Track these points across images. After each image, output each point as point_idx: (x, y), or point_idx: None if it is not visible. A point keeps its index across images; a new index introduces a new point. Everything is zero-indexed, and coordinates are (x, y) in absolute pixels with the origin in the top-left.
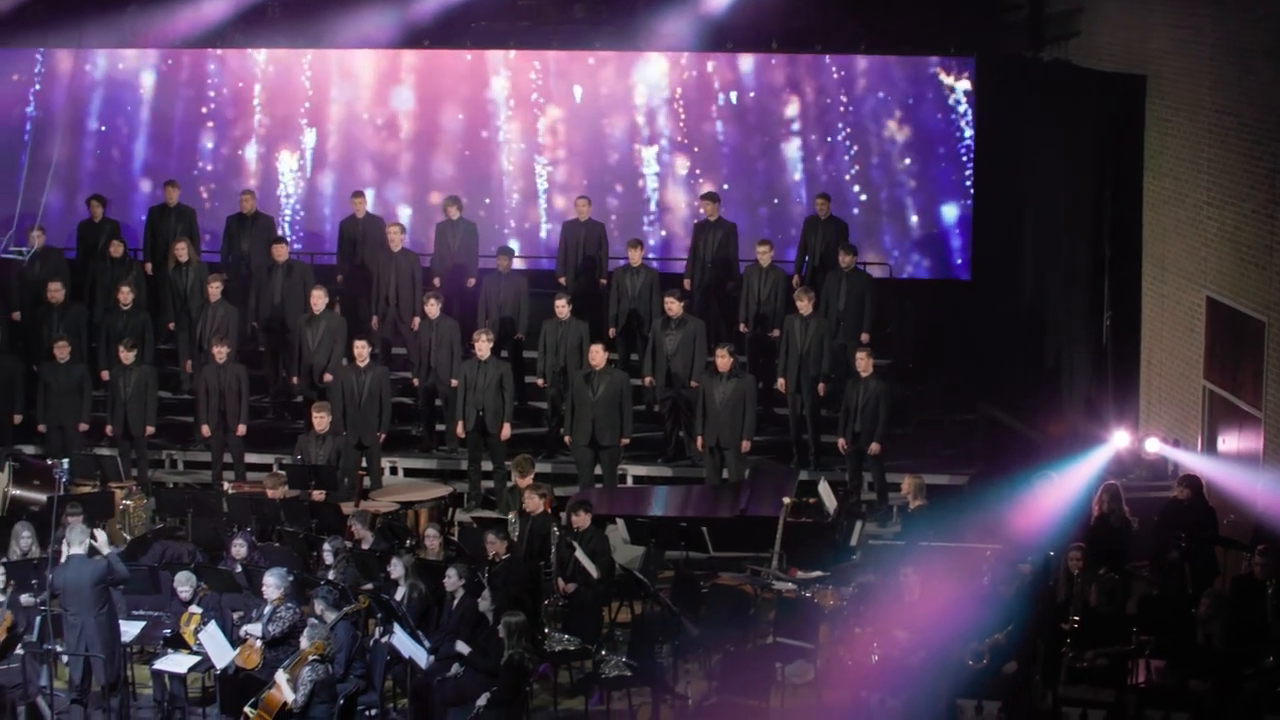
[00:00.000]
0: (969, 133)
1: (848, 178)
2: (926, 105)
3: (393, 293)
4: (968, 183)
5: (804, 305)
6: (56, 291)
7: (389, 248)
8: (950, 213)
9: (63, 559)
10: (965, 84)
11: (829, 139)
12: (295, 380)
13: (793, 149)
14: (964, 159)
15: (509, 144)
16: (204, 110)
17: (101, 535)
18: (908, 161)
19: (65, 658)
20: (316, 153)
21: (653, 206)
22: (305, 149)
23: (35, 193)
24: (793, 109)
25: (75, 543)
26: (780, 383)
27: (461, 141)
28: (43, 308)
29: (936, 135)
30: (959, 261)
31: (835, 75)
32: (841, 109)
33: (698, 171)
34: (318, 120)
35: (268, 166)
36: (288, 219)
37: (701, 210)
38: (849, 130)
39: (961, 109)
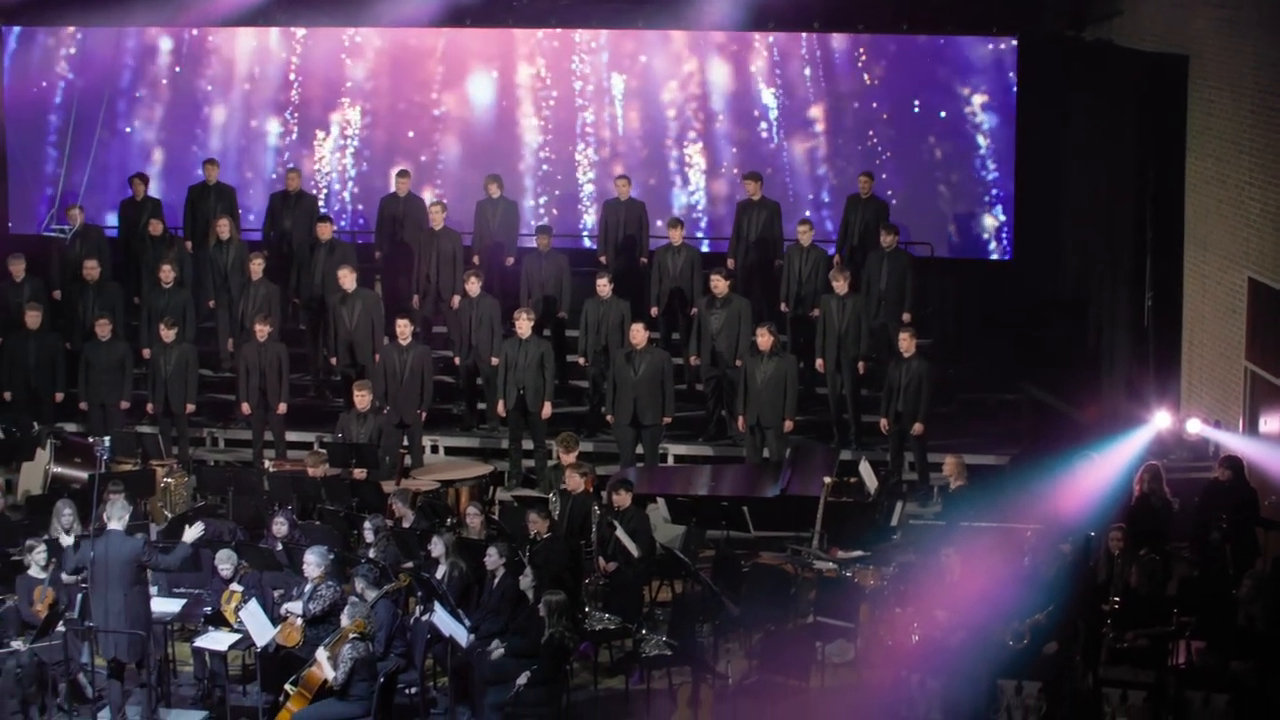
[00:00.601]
0: (1011, 113)
1: (889, 156)
2: (968, 85)
3: (434, 271)
4: (1009, 163)
5: (840, 285)
6: (93, 269)
7: (430, 226)
8: (992, 193)
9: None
10: (1008, 64)
11: (869, 117)
12: (334, 360)
13: (833, 127)
14: (1006, 139)
15: (550, 122)
16: (245, 88)
17: (195, 530)
18: (950, 141)
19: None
20: (356, 131)
21: (693, 185)
22: (345, 127)
23: (76, 171)
24: (834, 86)
25: (115, 518)
26: (819, 363)
27: (502, 119)
28: (79, 286)
29: (978, 115)
30: (1001, 242)
31: (876, 53)
32: (884, 87)
33: (738, 151)
34: (358, 99)
35: (308, 145)
36: (324, 196)
37: (744, 189)
38: (891, 109)
39: (1004, 89)
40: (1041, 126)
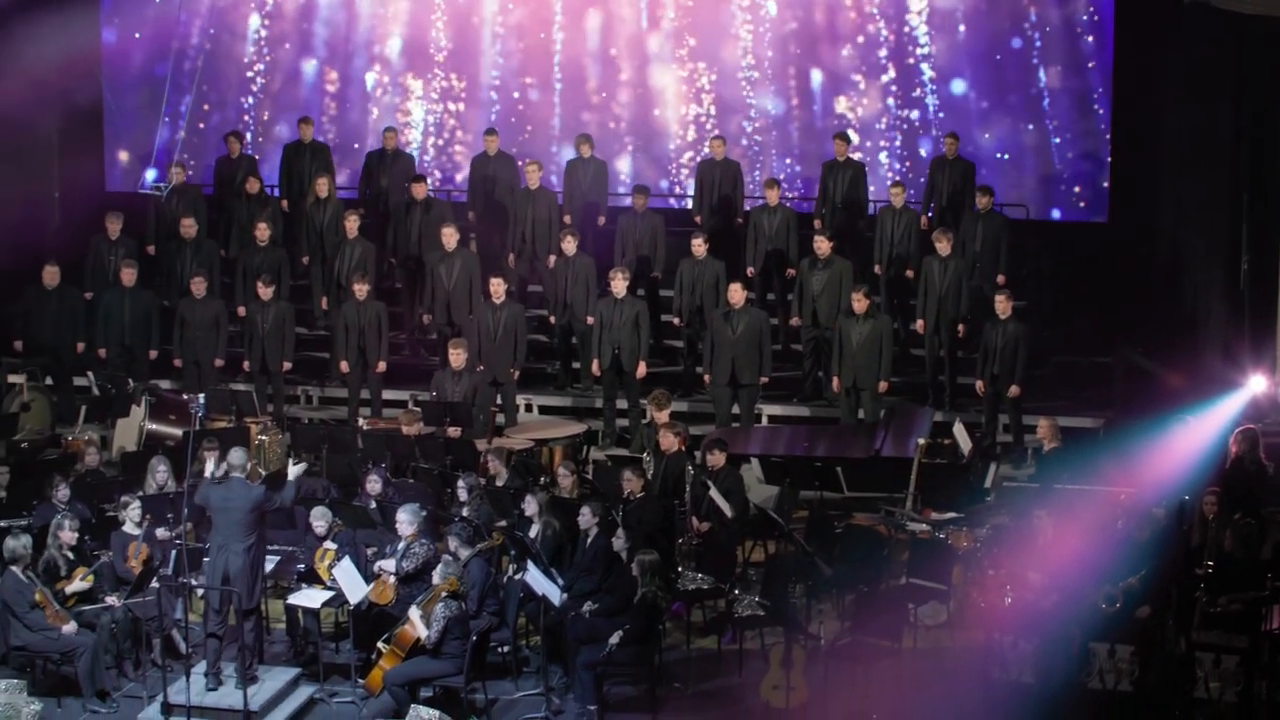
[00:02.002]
0: (1108, 75)
1: (982, 117)
2: (1064, 47)
3: (529, 230)
4: (1106, 126)
5: (943, 246)
6: (190, 228)
7: (526, 185)
8: (1088, 155)
9: (204, 480)
10: (1105, 27)
11: (961, 77)
12: (429, 318)
13: (924, 85)
14: (1102, 101)
15: (643, 81)
16: (344, 47)
17: (296, 467)
18: (1045, 103)
19: (200, 591)
20: (449, 90)
21: (788, 144)
22: (438, 87)
23: (173, 129)
24: (927, 49)
25: (238, 467)
26: (919, 324)
27: (593, 78)
28: (176, 244)
29: (1074, 77)
30: (1097, 204)
31: (973, 14)
32: (975, 49)
33: (829, 109)
34: (451, 58)
35: (400, 104)
36: (416, 152)
37: (831, 150)
38: (984, 70)
39: (1101, 52)
40: (1138, 89)
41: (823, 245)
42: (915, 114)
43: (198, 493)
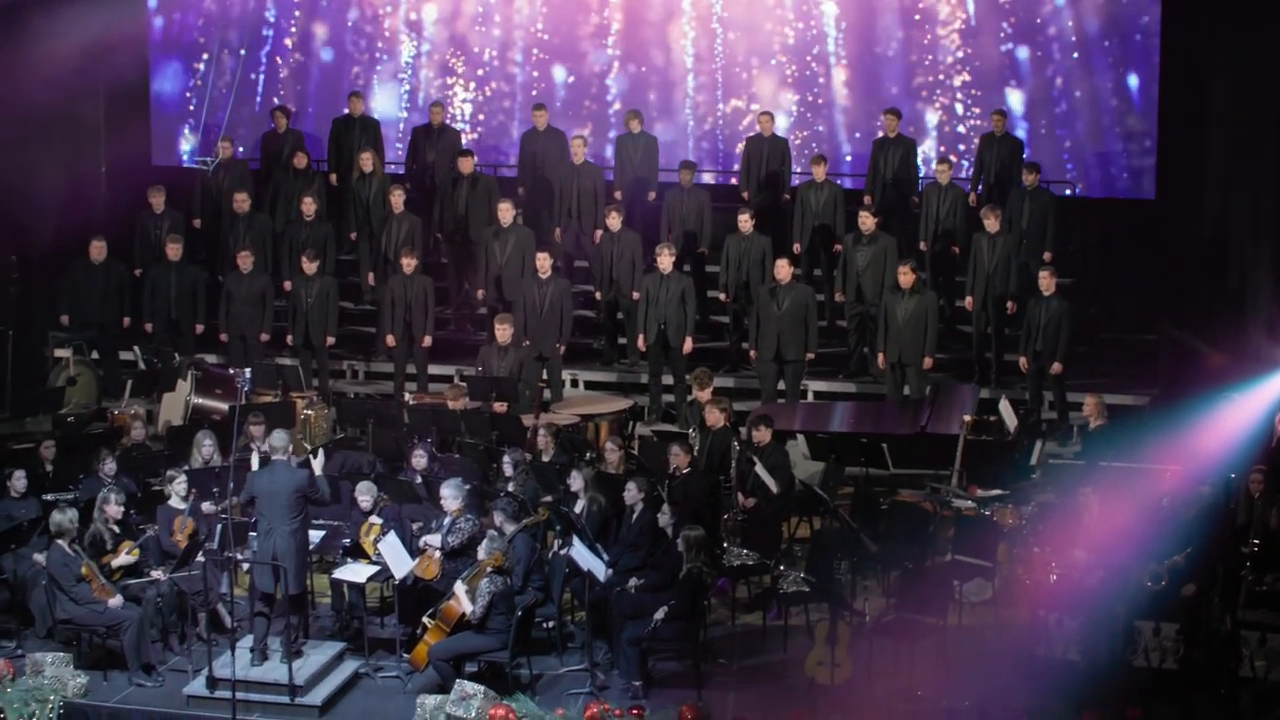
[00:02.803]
0: (1155, 51)
1: (1031, 94)
2: (1113, 20)
3: (575, 205)
4: (1153, 101)
5: (991, 223)
6: (242, 202)
7: (571, 160)
8: (1135, 131)
9: (253, 465)
10: (1153, 2)
11: (1009, 53)
12: (481, 293)
13: (967, 62)
14: (1150, 77)
15: (690, 56)
16: (392, 22)
17: (317, 461)
18: (1093, 79)
19: (245, 565)
20: (495, 65)
21: (833, 121)
22: (486, 62)
23: (220, 104)
24: (961, 24)
25: (280, 449)
26: (967, 300)
27: (642, 54)
28: (228, 218)
29: (1123, 53)
30: (1144, 180)
31: None
32: (1024, 23)
33: (875, 86)
34: (497, 34)
35: (448, 79)
36: (468, 131)
37: (881, 126)
38: (1033, 46)
39: (1148, 24)
40: (1187, 63)
41: (867, 221)
42: (961, 88)
43: (244, 489)
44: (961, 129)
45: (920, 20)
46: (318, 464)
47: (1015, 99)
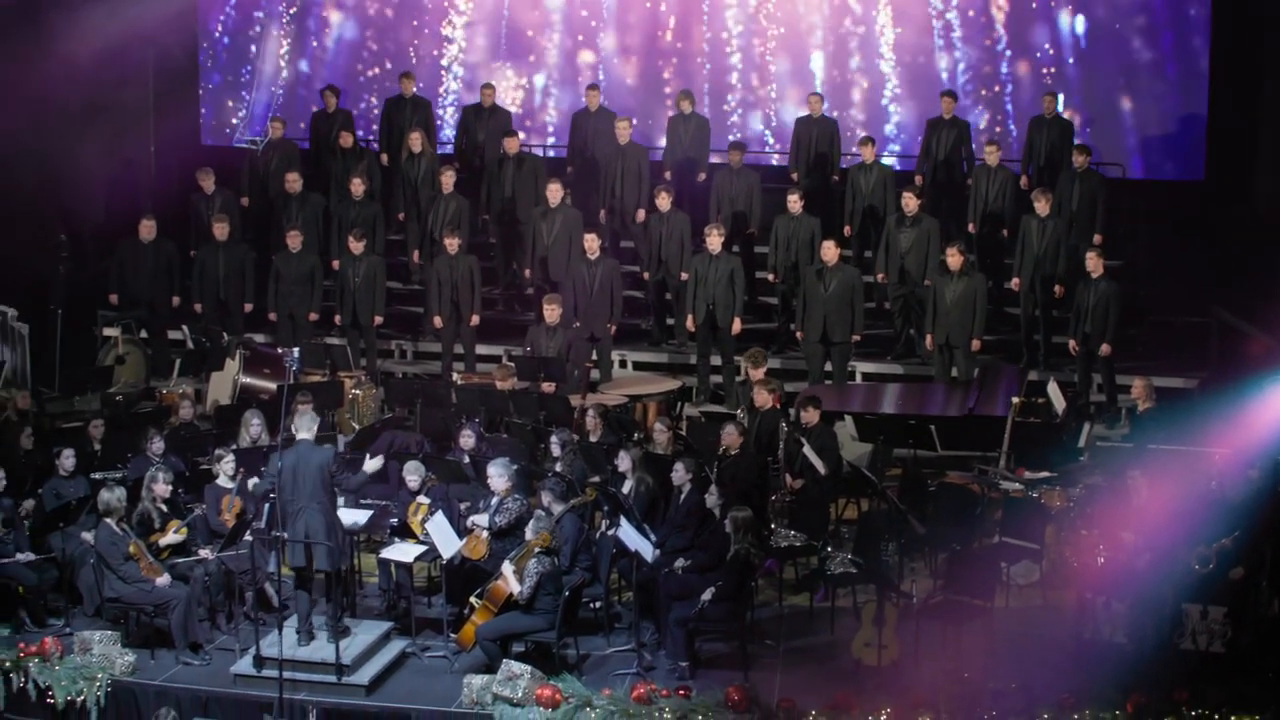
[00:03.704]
0: (1205, 32)
1: (1080, 77)
2: (1162, 5)
3: (619, 186)
4: (1203, 83)
5: (1041, 206)
6: (294, 182)
7: (617, 141)
8: (1184, 113)
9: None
10: None
11: (1059, 37)
12: (528, 273)
13: (1020, 45)
14: (1199, 58)
15: (741, 38)
16: (443, 3)
17: (374, 463)
18: (1143, 60)
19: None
20: (550, 45)
21: (883, 103)
22: (539, 42)
23: (270, 84)
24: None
25: (304, 429)
26: (1014, 282)
27: (693, 35)
28: (280, 198)
29: (1172, 35)
30: (1194, 162)
31: None
32: (1080, 4)
33: (928, 68)
34: (549, 15)
35: (497, 60)
36: (518, 111)
37: (939, 107)
38: (1083, 29)
39: (1199, 5)
40: (1237, 45)
41: (910, 202)
42: (1016, 71)
43: (267, 470)
44: (1011, 112)
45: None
46: (371, 464)
47: (1066, 80)
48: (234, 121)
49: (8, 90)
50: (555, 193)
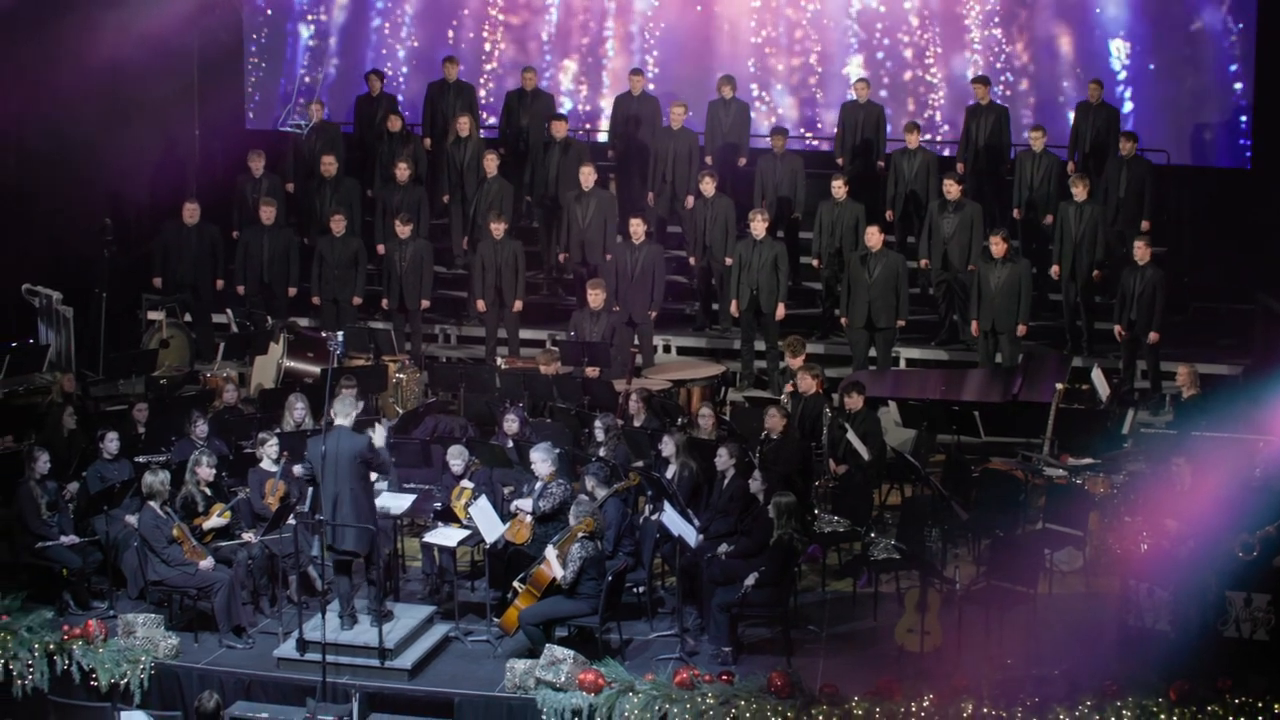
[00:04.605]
0: (1252, 18)
1: (1126, 63)
2: None
3: (670, 170)
4: (1250, 70)
5: (1079, 191)
6: (330, 165)
7: (669, 125)
8: (1231, 100)
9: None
10: None
11: (1104, 20)
12: (565, 257)
13: (1066, 32)
14: (1246, 45)
15: (785, 23)
16: None
17: (380, 430)
18: (1189, 47)
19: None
20: (589, 29)
21: (927, 89)
22: (583, 29)
23: (314, 67)
24: None
25: (342, 414)
26: (1054, 269)
27: (734, 21)
28: (316, 181)
29: (1219, 21)
30: (1239, 150)
31: None
32: None
33: (967, 53)
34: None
35: (539, 44)
36: (558, 95)
37: (973, 94)
38: (1129, 15)
39: None
40: None
41: (953, 189)
42: (1059, 57)
43: (308, 455)
44: (1061, 99)
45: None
46: (379, 435)
47: (1112, 67)
48: (279, 106)
49: (52, 74)
50: (588, 176)
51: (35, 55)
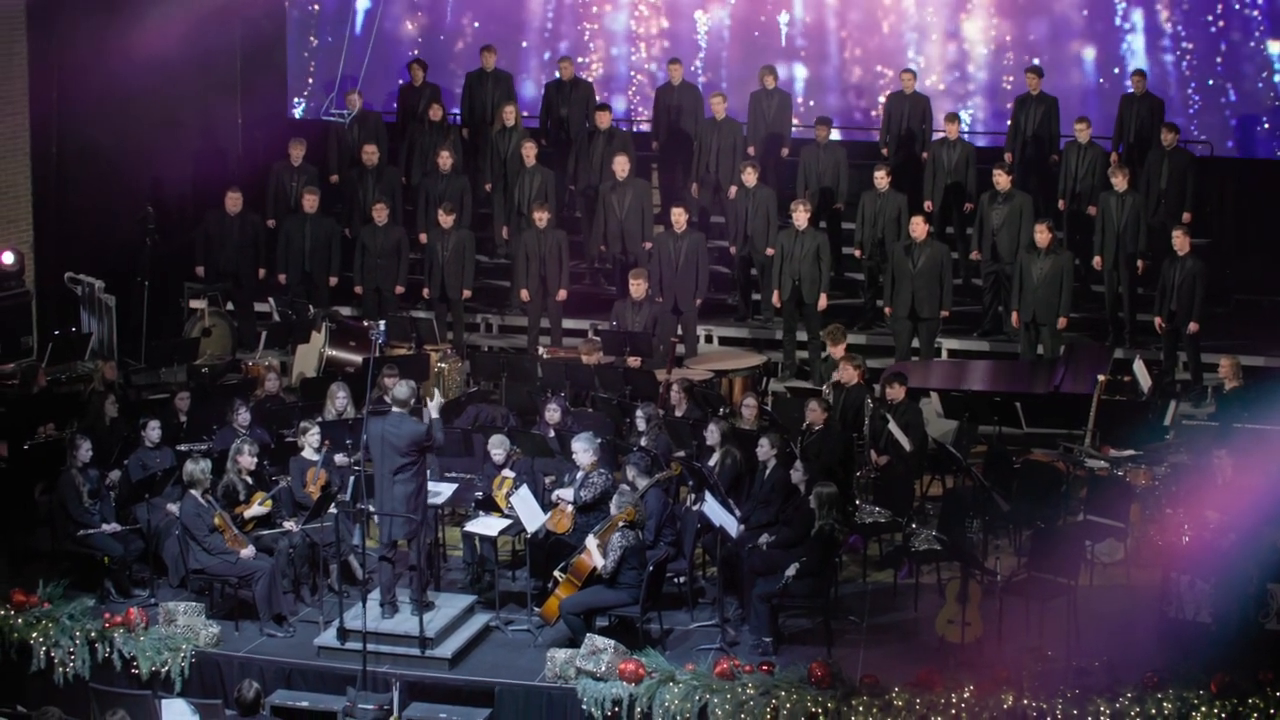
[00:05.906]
0: None
1: (1172, 55)
2: None
3: (713, 160)
4: None
5: (1119, 182)
6: (371, 154)
7: (713, 115)
8: (1275, 91)
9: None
10: None
11: (1152, 14)
12: (604, 247)
13: (1113, 24)
14: None
15: (831, 14)
16: None
17: (434, 402)
18: (1233, 39)
19: (377, 517)
20: (628, 21)
21: (973, 80)
22: (620, 19)
23: (356, 57)
24: None
25: (400, 401)
26: (1096, 260)
27: (779, 11)
28: (358, 170)
29: (1261, 11)
30: None
31: None
32: None
33: (1013, 41)
34: None
35: (582, 34)
36: (600, 85)
37: (1025, 84)
38: (1175, 8)
39: None
40: None
41: (1002, 180)
42: (1110, 49)
43: (364, 429)
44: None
45: None
46: (434, 406)
47: (1156, 58)
48: (322, 95)
49: (96, 64)
50: (622, 165)
51: (78, 46)
